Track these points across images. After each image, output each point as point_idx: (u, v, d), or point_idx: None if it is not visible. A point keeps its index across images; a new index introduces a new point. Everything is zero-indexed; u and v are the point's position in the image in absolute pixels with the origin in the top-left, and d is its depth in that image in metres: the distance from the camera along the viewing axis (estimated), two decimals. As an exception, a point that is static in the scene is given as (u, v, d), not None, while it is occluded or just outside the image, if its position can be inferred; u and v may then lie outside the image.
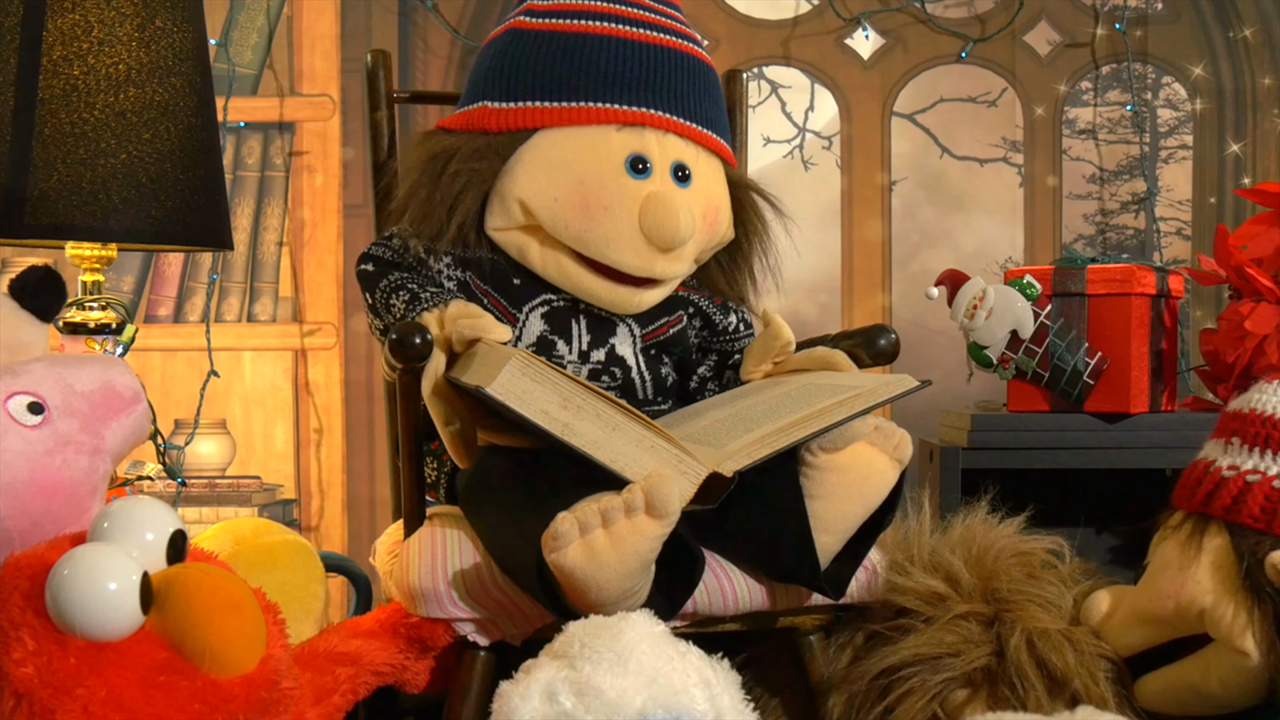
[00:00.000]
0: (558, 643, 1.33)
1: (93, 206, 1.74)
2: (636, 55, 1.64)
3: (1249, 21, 2.74)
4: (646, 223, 1.58)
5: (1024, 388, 2.10)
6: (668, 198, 1.59)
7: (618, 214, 1.59)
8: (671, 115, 1.64)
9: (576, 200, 1.59)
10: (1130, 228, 2.77)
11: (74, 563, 1.20)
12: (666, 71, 1.65)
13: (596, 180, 1.59)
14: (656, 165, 1.61)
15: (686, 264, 1.65)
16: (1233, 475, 1.48)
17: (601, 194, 1.59)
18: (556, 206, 1.59)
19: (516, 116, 1.62)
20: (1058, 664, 1.51)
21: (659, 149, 1.62)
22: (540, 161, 1.60)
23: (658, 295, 1.66)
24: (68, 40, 1.75)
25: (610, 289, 1.62)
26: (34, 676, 1.19)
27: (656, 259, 1.60)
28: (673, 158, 1.63)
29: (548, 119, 1.62)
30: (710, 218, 1.66)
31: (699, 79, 1.68)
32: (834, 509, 1.47)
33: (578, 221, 1.59)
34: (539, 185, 1.60)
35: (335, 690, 1.44)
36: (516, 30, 1.67)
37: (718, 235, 1.69)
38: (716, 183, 1.68)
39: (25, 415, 1.35)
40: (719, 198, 1.68)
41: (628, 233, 1.59)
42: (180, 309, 2.74)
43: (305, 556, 1.71)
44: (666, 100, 1.64)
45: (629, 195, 1.59)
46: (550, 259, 1.62)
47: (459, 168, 1.60)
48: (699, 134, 1.66)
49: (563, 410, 1.39)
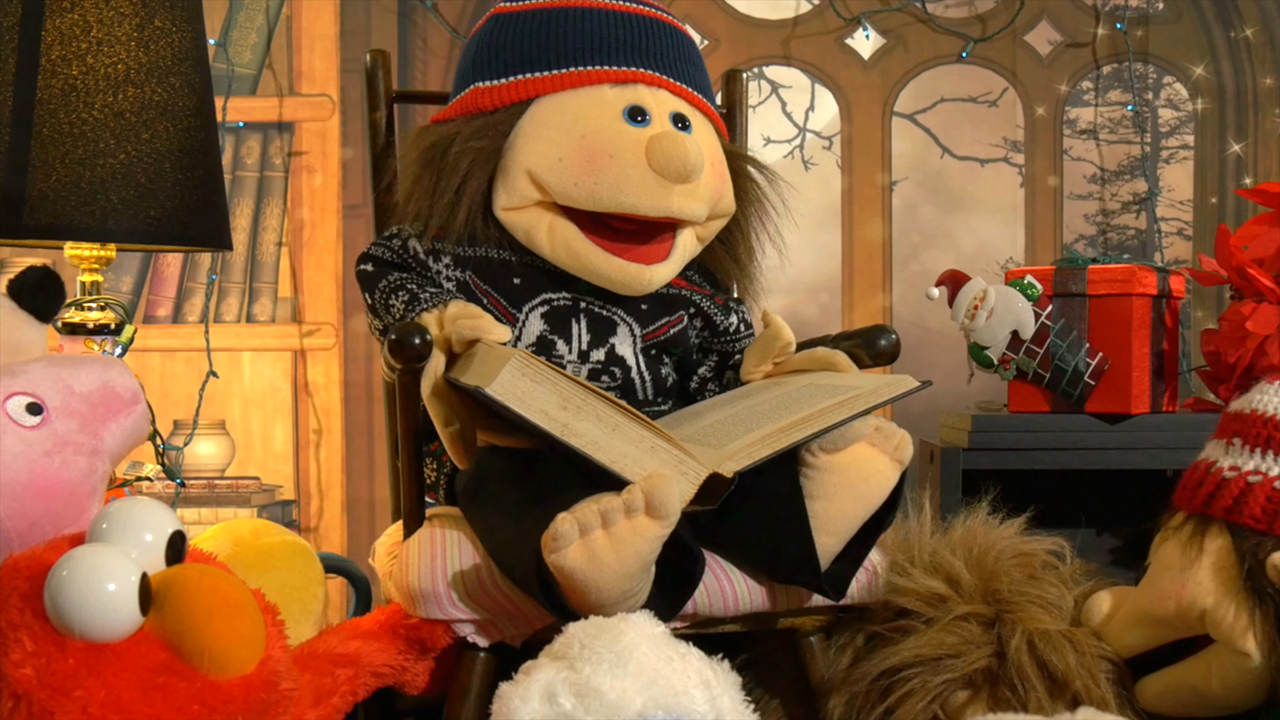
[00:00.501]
0: (557, 644, 1.32)
1: (91, 207, 1.73)
2: (621, 22, 1.65)
3: (1250, 21, 2.74)
4: (656, 158, 1.57)
5: (1025, 388, 2.10)
6: (673, 133, 1.59)
7: (624, 158, 1.58)
8: (660, 74, 1.65)
9: (581, 156, 1.58)
10: (1131, 228, 2.77)
11: (73, 564, 1.20)
12: (651, 37, 1.66)
13: (597, 133, 1.59)
14: (654, 114, 1.62)
15: (701, 204, 1.63)
16: (1234, 476, 1.48)
17: (604, 144, 1.59)
18: (562, 167, 1.59)
19: (511, 90, 1.63)
20: (1059, 665, 1.51)
21: (654, 101, 1.63)
22: (540, 128, 1.60)
23: (667, 272, 1.65)
24: (66, 40, 1.75)
25: (620, 267, 1.61)
26: (33, 678, 1.19)
27: (671, 195, 1.59)
28: (670, 108, 1.64)
29: (542, 87, 1.62)
30: (717, 167, 1.66)
31: (682, 47, 1.70)
32: (834, 510, 1.46)
33: (586, 176, 1.58)
34: (542, 150, 1.60)
35: (334, 691, 1.44)
36: (499, 15, 1.69)
37: (724, 192, 1.68)
38: (714, 141, 1.69)
39: (24, 416, 1.35)
40: (719, 154, 1.68)
41: (637, 174, 1.58)
42: (179, 309, 2.74)
43: (304, 557, 1.71)
44: (654, 61, 1.65)
45: (632, 139, 1.59)
46: (559, 240, 1.61)
47: (461, 148, 1.60)
48: (689, 93, 1.67)
49: (562, 411, 1.38)
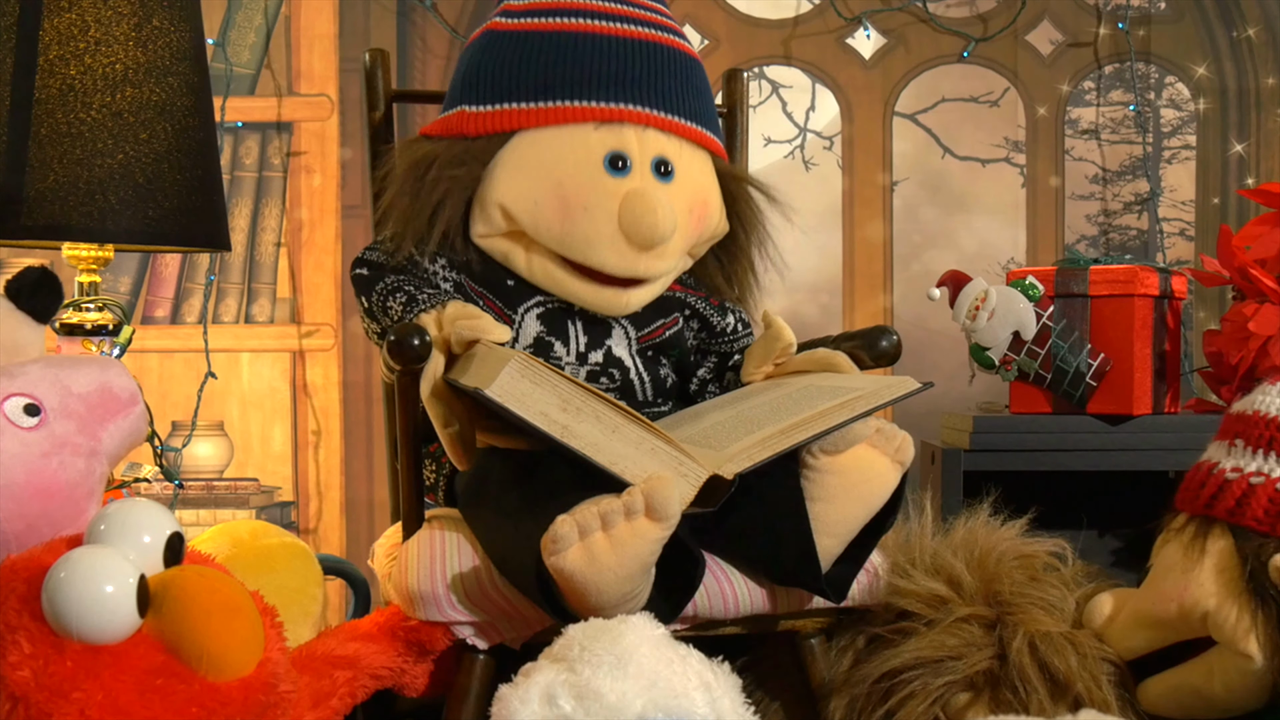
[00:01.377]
0: (557, 646, 1.32)
1: (89, 207, 1.73)
2: (613, 51, 1.63)
3: (1252, 21, 2.73)
4: (626, 221, 1.57)
5: (1026, 389, 2.10)
6: (646, 195, 1.58)
7: (597, 214, 1.58)
8: (650, 110, 1.63)
9: (556, 202, 1.58)
10: (1133, 228, 2.76)
11: (71, 565, 1.20)
12: (645, 66, 1.63)
13: (575, 181, 1.58)
14: (636, 162, 1.60)
15: (672, 261, 1.64)
16: (1236, 477, 1.48)
17: (580, 194, 1.58)
18: (537, 210, 1.59)
19: (494, 120, 1.62)
20: (1060, 667, 1.51)
21: (638, 145, 1.61)
22: (519, 164, 1.60)
23: (646, 295, 1.65)
24: (64, 40, 1.75)
25: (596, 292, 1.61)
26: (30, 680, 1.19)
27: (639, 258, 1.59)
28: (654, 153, 1.62)
29: (525, 120, 1.61)
30: (698, 212, 1.65)
31: (681, 72, 1.67)
32: (835, 511, 1.46)
33: (558, 224, 1.58)
34: (519, 189, 1.59)
35: (333, 694, 1.44)
36: (492, 32, 1.67)
37: (708, 229, 1.67)
38: (703, 175, 1.67)
39: (21, 417, 1.35)
40: (706, 191, 1.67)
41: (608, 233, 1.58)
42: (177, 310, 2.73)
43: (303, 559, 1.71)
44: (645, 95, 1.63)
45: (608, 194, 1.58)
46: (536, 264, 1.62)
47: (438, 175, 1.60)
48: (681, 127, 1.65)
49: (562, 412, 1.38)
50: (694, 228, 1.65)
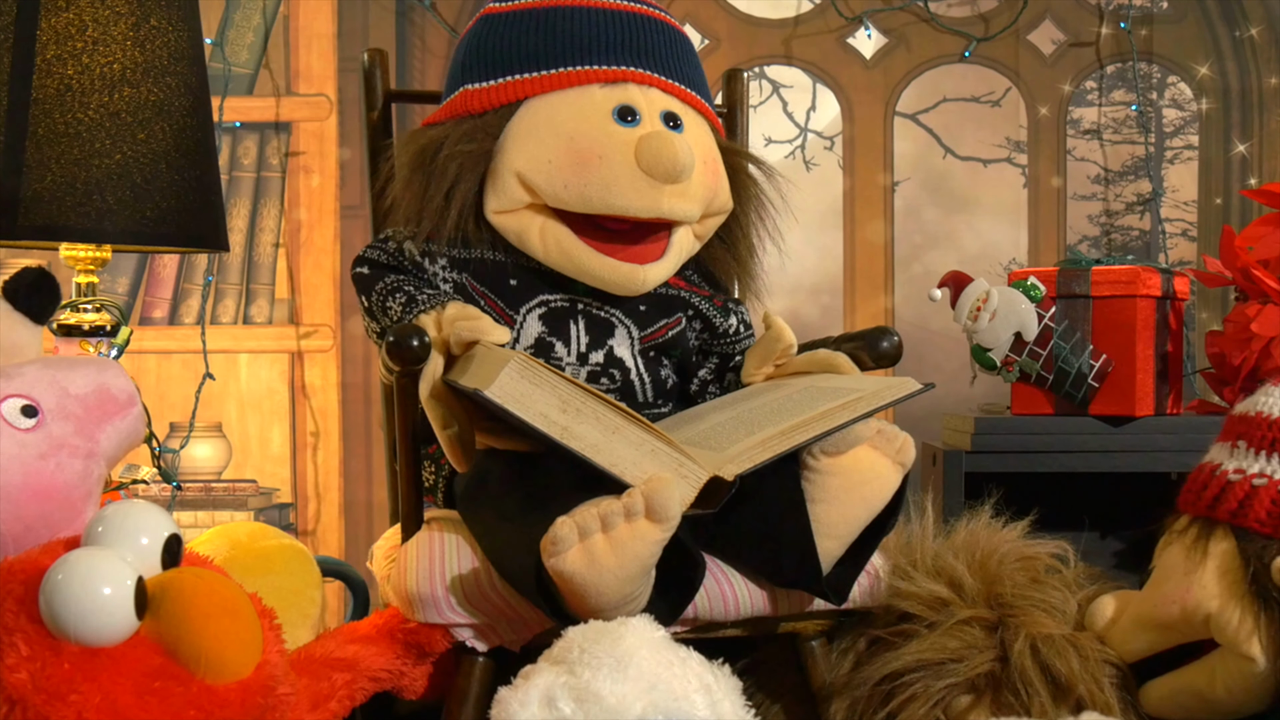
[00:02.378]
0: (557, 648, 1.32)
1: (87, 207, 1.73)
2: (611, 21, 1.65)
3: (1255, 20, 2.73)
4: (645, 158, 1.57)
5: (1028, 390, 2.10)
6: (663, 133, 1.59)
7: (613, 159, 1.58)
8: (651, 72, 1.65)
9: (570, 157, 1.58)
10: (1135, 229, 2.76)
11: (68, 567, 1.20)
12: (642, 35, 1.66)
13: (587, 134, 1.59)
14: (645, 114, 1.61)
15: (694, 205, 1.63)
16: (1239, 479, 1.48)
17: (593, 145, 1.58)
18: (551, 169, 1.58)
19: (500, 92, 1.63)
20: (1062, 670, 1.51)
21: (644, 100, 1.62)
22: (529, 130, 1.60)
23: (662, 272, 1.64)
24: (61, 39, 1.74)
25: (614, 267, 1.61)
26: (28, 682, 1.18)
27: (662, 195, 1.58)
28: (660, 107, 1.63)
29: (531, 89, 1.62)
30: (710, 164, 1.66)
31: (675, 44, 1.69)
32: (836, 513, 1.46)
33: (575, 178, 1.58)
34: (531, 153, 1.59)
35: (332, 696, 1.44)
36: (488, 16, 1.69)
37: (719, 189, 1.67)
38: (708, 138, 1.68)
39: (19, 418, 1.34)
40: (713, 152, 1.68)
41: (626, 174, 1.57)
42: (175, 311, 2.73)
43: (302, 561, 1.71)
44: (645, 59, 1.65)
45: (621, 140, 1.59)
46: (551, 242, 1.61)
47: (451, 151, 1.60)
48: (681, 90, 1.66)
49: (562, 413, 1.38)
50: (710, 179, 1.65)
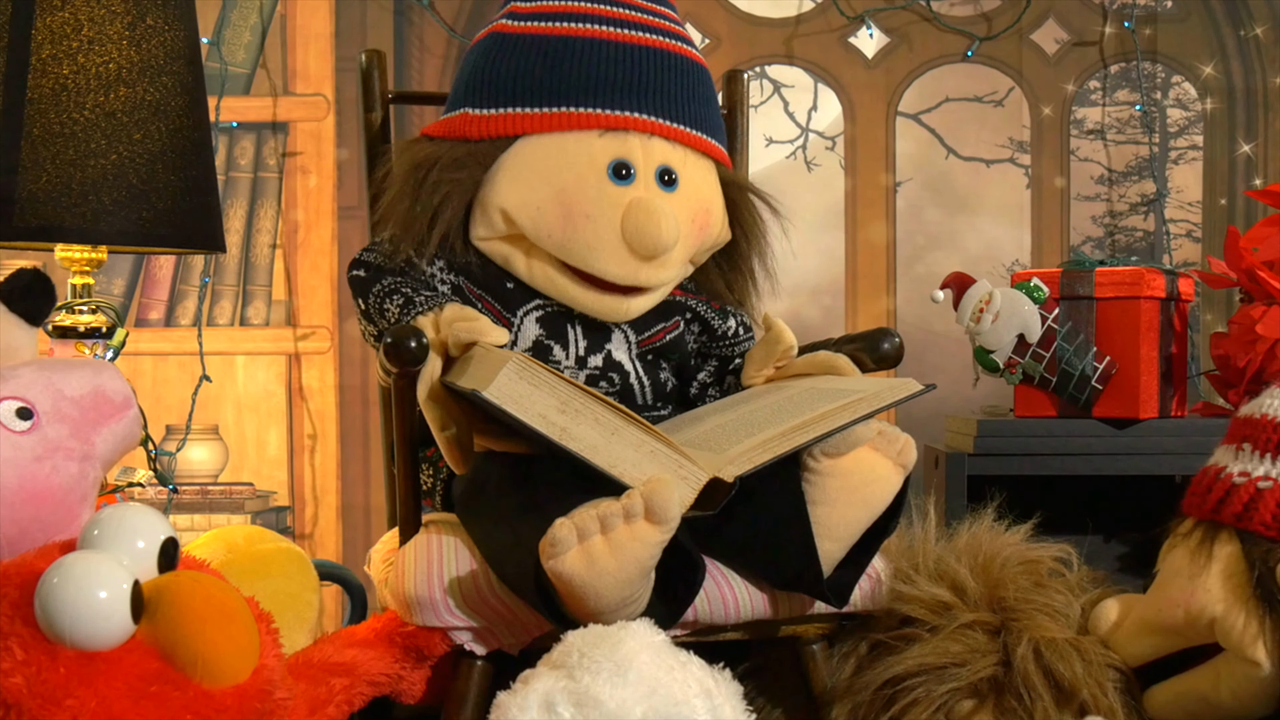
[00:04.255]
0: (556, 652, 1.32)
1: (82, 208, 1.73)
2: (620, 57, 1.62)
3: (1260, 20, 2.73)
4: (629, 230, 1.57)
5: (1031, 392, 2.10)
6: (650, 204, 1.57)
7: (600, 222, 1.57)
8: (656, 118, 1.62)
9: (558, 209, 1.58)
10: (1139, 230, 2.76)
11: (64, 571, 1.20)
12: (652, 73, 1.63)
13: (578, 188, 1.58)
14: (640, 170, 1.60)
15: (674, 270, 1.64)
16: (1243, 482, 1.47)
17: (583, 202, 1.58)
18: (539, 216, 1.58)
19: (497, 123, 1.61)
20: (1065, 674, 1.50)
21: (643, 153, 1.61)
22: (521, 170, 1.59)
23: (647, 303, 1.64)
24: (57, 39, 1.74)
25: (597, 298, 1.61)
26: (23, 687, 1.18)
27: (641, 267, 1.59)
28: (658, 162, 1.62)
29: (528, 125, 1.60)
30: (700, 220, 1.65)
31: (687, 79, 1.66)
32: (837, 515, 1.45)
33: (560, 230, 1.58)
34: (521, 194, 1.59)
35: (330, 701, 1.43)
36: (498, 34, 1.66)
37: (710, 238, 1.67)
38: (706, 185, 1.67)
39: (14, 420, 1.34)
40: (709, 200, 1.66)
41: (610, 241, 1.57)
42: (172, 312, 2.74)
43: (299, 565, 1.70)
44: (651, 102, 1.62)
45: (611, 202, 1.58)
46: (537, 268, 1.61)
47: (439, 177, 1.59)
48: (686, 135, 1.64)
49: (560, 414, 1.38)
50: (696, 237, 1.65)
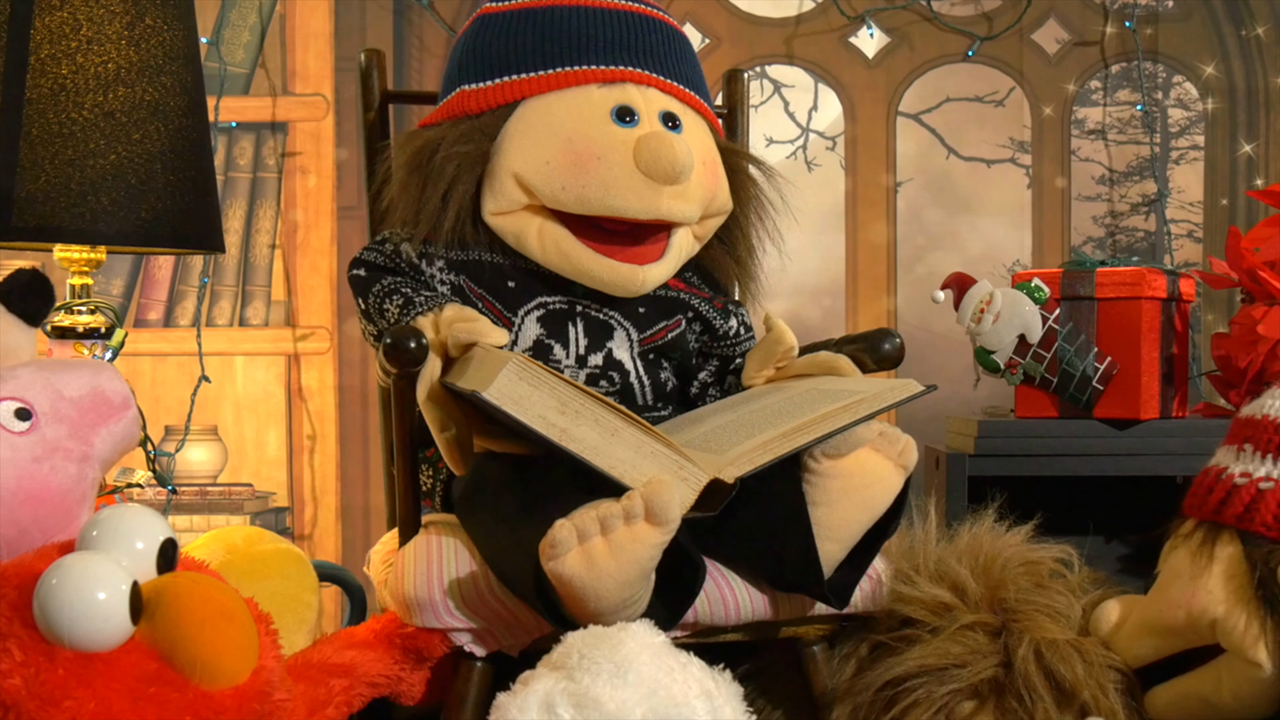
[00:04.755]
0: (556, 653, 1.32)
1: (81, 208, 1.73)
2: (608, 20, 1.64)
3: (1261, 19, 2.73)
4: (644, 159, 1.57)
5: (1032, 393, 2.10)
6: (661, 133, 1.58)
7: (612, 159, 1.57)
8: (650, 72, 1.64)
9: (568, 158, 1.58)
10: (1140, 230, 2.76)
11: (62, 572, 1.20)
12: (640, 34, 1.65)
13: (585, 135, 1.58)
14: (643, 114, 1.61)
15: (693, 206, 1.62)
16: (1245, 483, 1.47)
17: (591, 146, 1.58)
18: (549, 170, 1.58)
19: (496, 93, 1.62)
20: (1066, 675, 1.50)
21: (643, 100, 1.62)
22: (526, 131, 1.60)
23: (661, 273, 1.63)
24: (55, 38, 1.74)
25: (612, 268, 1.60)
26: (21, 688, 1.18)
27: (660, 196, 1.58)
28: (659, 107, 1.63)
29: (528, 89, 1.62)
30: (709, 166, 1.65)
31: (673, 42, 1.69)
32: (838, 516, 1.45)
33: (573, 179, 1.57)
34: (529, 154, 1.59)
35: (329, 702, 1.43)
36: (485, 15, 1.68)
37: (719, 191, 1.67)
38: (707, 139, 1.68)
39: (12, 421, 1.34)
40: (712, 153, 1.67)
41: (625, 176, 1.57)
42: (171, 313, 2.74)
43: (298, 566, 1.70)
44: (643, 59, 1.64)
45: (619, 141, 1.58)
46: (550, 243, 1.60)
47: (447, 153, 1.59)
48: (680, 91, 1.66)
49: (560, 415, 1.38)
50: (709, 181, 1.65)
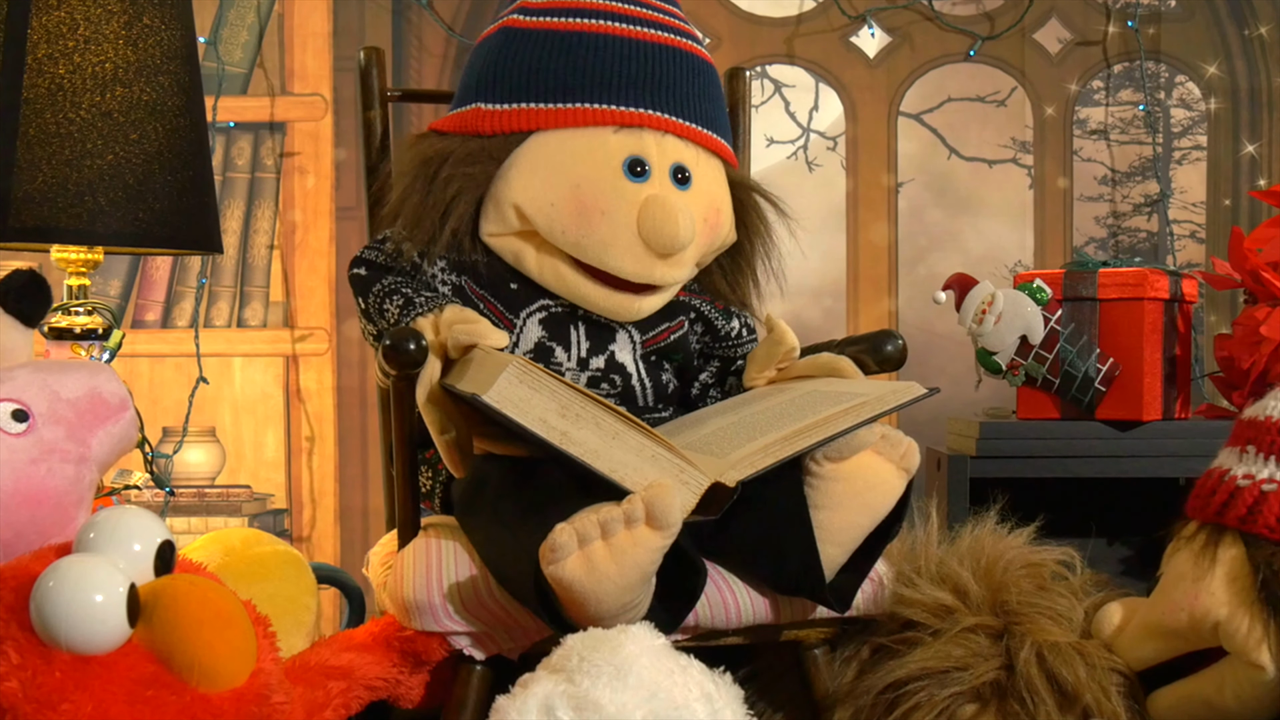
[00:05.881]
0: (556, 656, 1.32)
1: (78, 209, 1.73)
2: (634, 54, 1.62)
3: (1264, 19, 2.73)
4: (645, 227, 1.56)
5: (1034, 395, 2.10)
6: (667, 201, 1.57)
7: (615, 218, 1.57)
8: (670, 115, 1.62)
9: (573, 205, 1.57)
10: (1143, 230, 2.76)
11: (59, 574, 1.20)
12: (665, 70, 1.62)
13: (593, 184, 1.57)
14: (655, 167, 1.59)
15: (687, 269, 1.63)
16: (1248, 484, 1.47)
17: (599, 198, 1.57)
18: (553, 212, 1.57)
19: (511, 119, 1.60)
20: (1068, 678, 1.50)
21: (657, 150, 1.60)
22: (535, 165, 1.59)
23: (657, 302, 1.64)
24: (53, 38, 1.74)
25: (608, 296, 1.60)
26: (18, 691, 1.18)
27: (656, 265, 1.58)
28: (672, 159, 1.61)
29: (543, 121, 1.60)
30: (711, 220, 1.64)
31: (699, 78, 1.66)
32: (839, 520, 1.45)
33: (574, 227, 1.57)
34: (534, 190, 1.58)
35: (327, 705, 1.43)
36: (510, 29, 1.65)
37: (719, 238, 1.67)
38: (717, 184, 1.66)
39: (9, 423, 1.35)
40: (720, 199, 1.66)
41: (626, 238, 1.57)
42: (168, 314, 2.74)
43: (296, 568, 1.71)
44: (665, 100, 1.62)
45: (627, 199, 1.57)
46: (547, 265, 1.60)
47: (452, 172, 1.59)
48: (699, 134, 1.64)
49: (561, 418, 1.37)
50: (707, 236, 1.65)
